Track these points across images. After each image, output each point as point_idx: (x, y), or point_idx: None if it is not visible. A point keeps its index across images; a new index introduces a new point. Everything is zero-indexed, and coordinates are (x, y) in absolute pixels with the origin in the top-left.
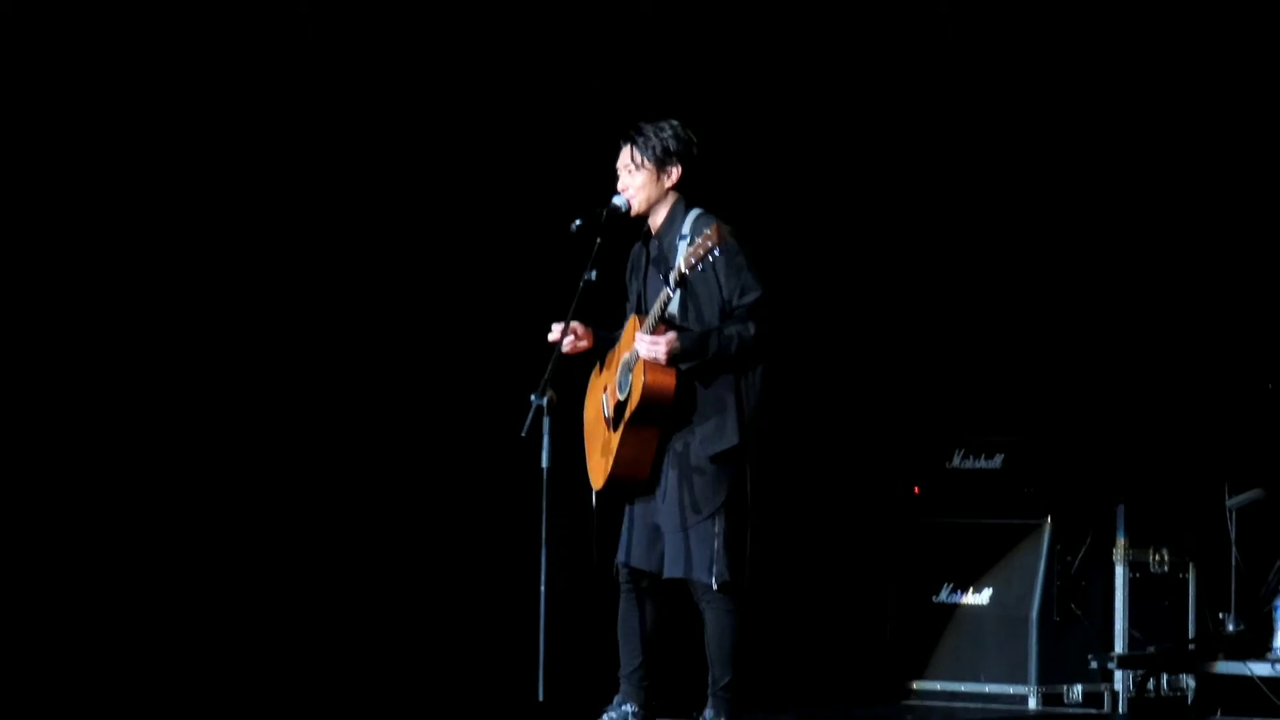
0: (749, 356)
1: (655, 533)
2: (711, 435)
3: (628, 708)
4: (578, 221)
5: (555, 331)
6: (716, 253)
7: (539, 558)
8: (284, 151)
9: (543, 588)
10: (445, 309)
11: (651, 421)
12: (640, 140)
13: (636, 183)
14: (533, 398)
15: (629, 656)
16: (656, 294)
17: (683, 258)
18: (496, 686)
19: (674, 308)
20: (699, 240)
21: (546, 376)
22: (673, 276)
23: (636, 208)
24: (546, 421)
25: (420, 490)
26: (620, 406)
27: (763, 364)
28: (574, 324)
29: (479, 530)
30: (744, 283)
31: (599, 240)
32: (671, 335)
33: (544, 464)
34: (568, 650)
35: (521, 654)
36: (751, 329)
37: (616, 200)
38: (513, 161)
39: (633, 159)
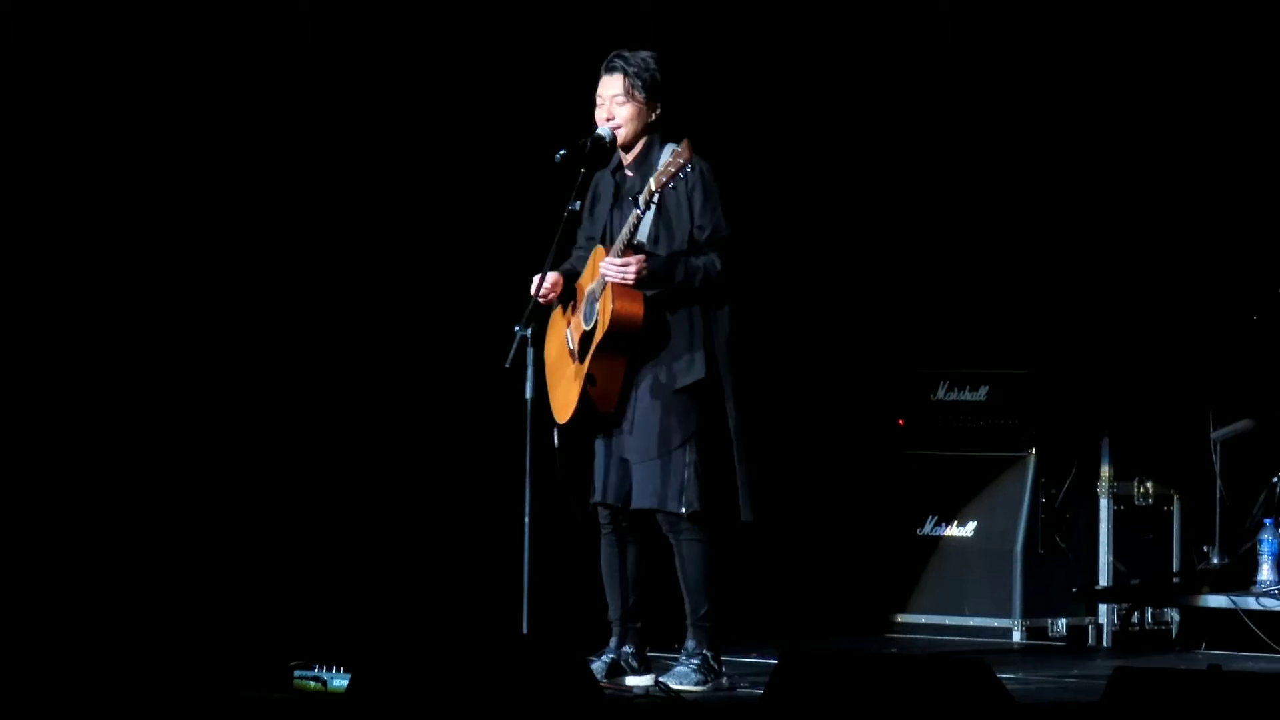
0: (713, 291)
1: (625, 467)
2: (680, 368)
3: (627, 649)
4: (561, 152)
5: (535, 283)
6: (689, 169)
7: (523, 490)
8: (269, 126)
9: (526, 519)
10: (429, 241)
11: (619, 351)
12: (631, 71)
13: (626, 114)
14: (516, 329)
15: (617, 600)
16: (622, 224)
17: (654, 177)
18: (482, 621)
19: (643, 234)
20: (669, 158)
21: (530, 308)
22: (642, 198)
23: (623, 139)
24: (530, 353)
25: (406, 422)
26: (587, 337)
27: (729, 300)
28: (550, 277)
29: (464, 463)
30: (715, 219)
31: (583, 170)
32: (640, 257)
33: (528, 395)
34: (554, 584)
35: (506, 588)
36: (718, 264)
37: (601, 130)
38: (491, 92)
39: (624, 89)
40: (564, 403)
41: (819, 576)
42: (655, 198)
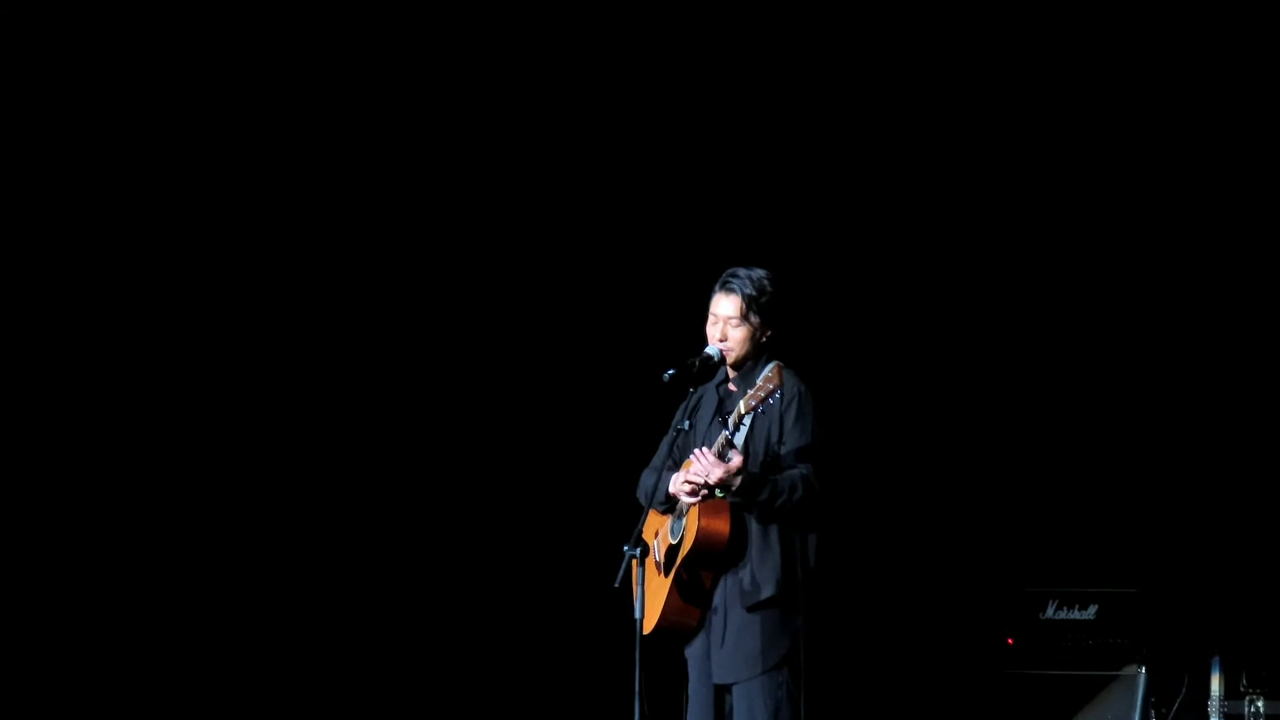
0: (795, 515)
1: (713, 688)
2: (752, 586)
3: None
4: (670, 371)
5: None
6: (777, 395)
7: (632, 710)
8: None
9: None
10: (539, 458)
11: (703, 567)
12: (748, 294)
13: (739, 336)
14: (625, 549)
15: None
16: (715, 438)
17: (744, 400)
18: None
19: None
20: (760, 383)
21: (639, 528)
22: (731, 420)
23: (733, 360)
24: (640, 572)
25: (513, 639)
26: (672, 551)
27: (814, 522)
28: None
29: (573, 683)
30: (802, 440)
31: (692, 390)
32: (737, 461)
33: (637, 615)
34: None
35: None
36: (800, 488)
37: (710, 350)
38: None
39: (739, 312)
40: (649, 615)
41: None
42: (745, 420)
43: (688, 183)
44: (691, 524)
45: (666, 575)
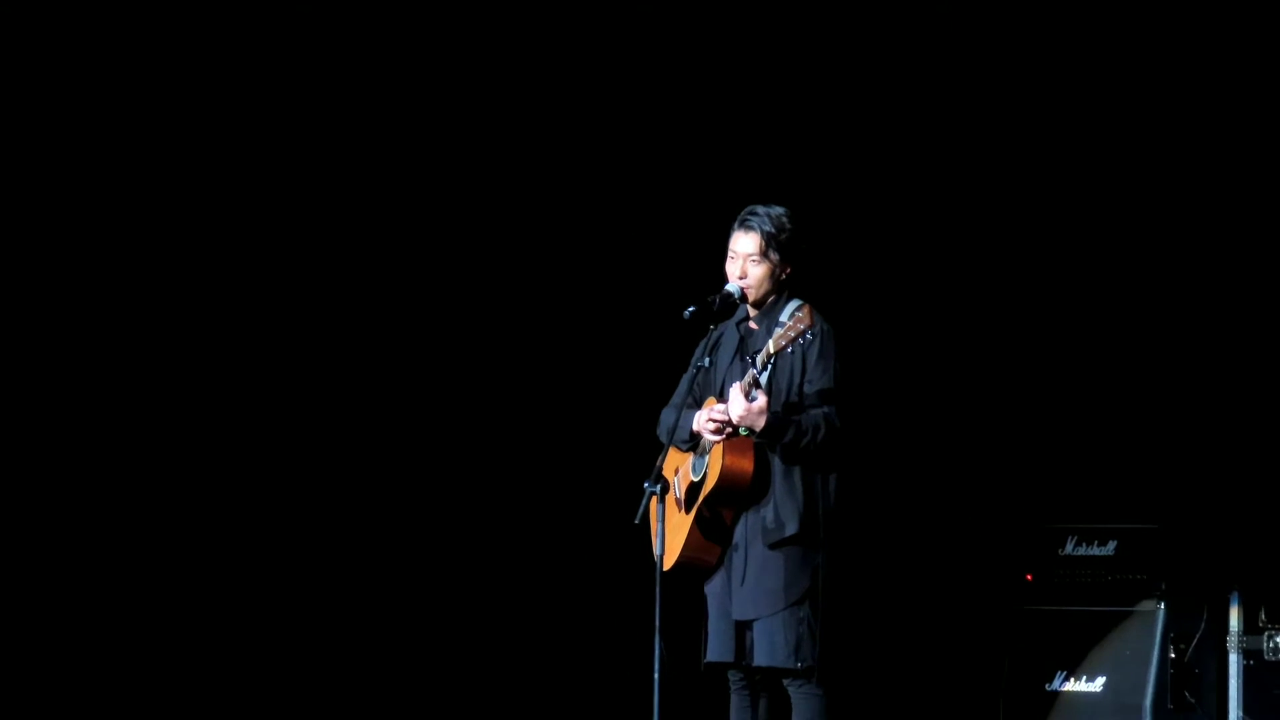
0: (817, 455)
1: (736, 623)
2: (780, 523)
3: None
4: (691, 309)
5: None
6: (809, 335)
7: (652, 645)
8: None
9: (656, 675)
10: (557, 394)
11: (725, 505)
12: (767, 230)
13: (759, 273)
14: (645, 485)
15: None
16: (740, 377)
17: (773, 339)
18: None
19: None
20: (789, 323)
21: (659, 465)
22: (760, 358)
23: (754, 297)
24: (660, 509)
25: (531, 574)
26: (694, 488)
27: (836, 462)
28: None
29: (593, 619)
30: (825, 381)
31: (712, 327)
32: (762, 401)
33: (657, 552)
34: None
35: None
36: (823, 429)
37: (730, 288)
38: (621, 247)
39: (759, 249)
40: (669, 551)
41: None
42: (772, 361)
43: (708, 121)
44: (715, 461)
45: (688, 512)
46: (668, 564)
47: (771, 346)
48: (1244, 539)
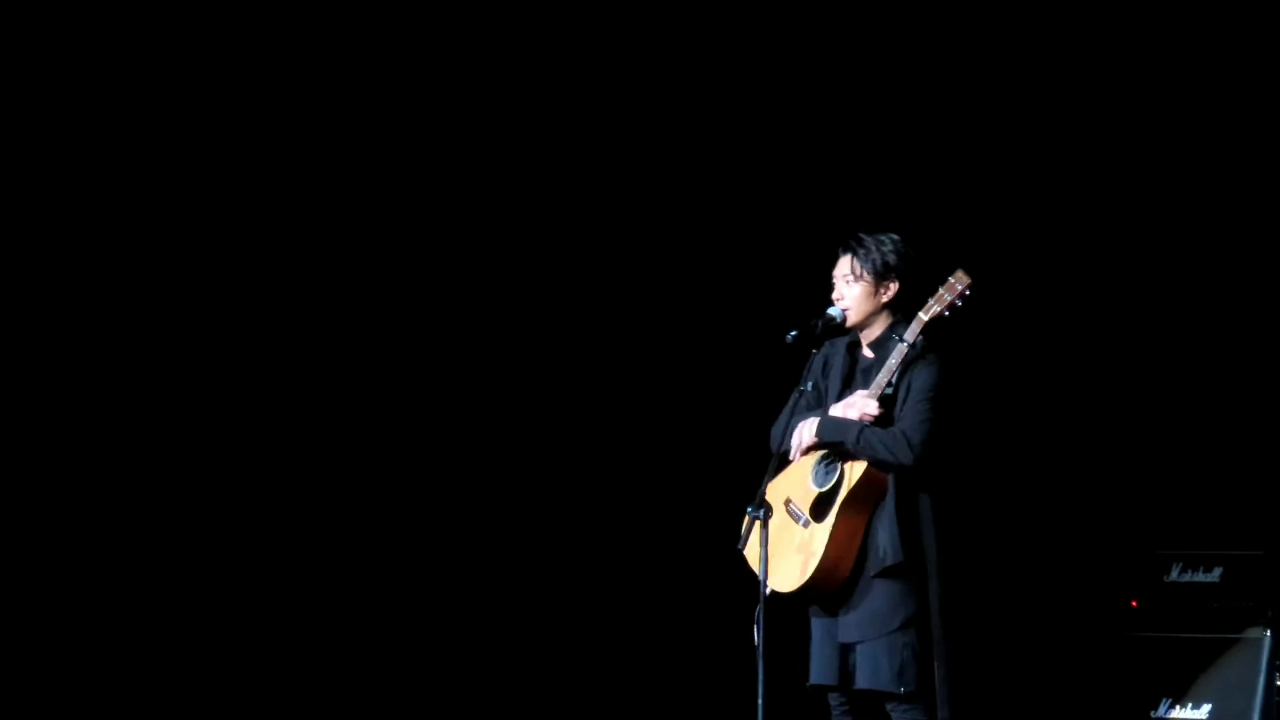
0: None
1: (842, 647)
2: (880, 551)
3: None
4: (793, 333)
5: (800, 441)
6: (960, 302)
7: (756, 671)
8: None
9: (760, 701)
10: (661, 420)
11: (862, 507)
12: (861, 251)
13: (854, 294)
14: (749, 510)
15: None
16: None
17: (927, 308)
18: None
19: (876, 380)
20: (944, 289)
21: (763, 489)
22: (911, 330)
23: (852, 319)
24: (764, 534)
25: (635, 604)
26: (826, 497)
27: (935, 486)
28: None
29: (695, 643)
30: (915, 418)
31: (814, 352)
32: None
33: (762, 577)
34: None
35: None
36: (893, 452)
37: (831, 311)
38: (726, 268)
39: (852, 269)
40: (789, 570)
41: None
42: (918, 340)
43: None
44: (856, 461)
45: (822, 520)
46: (790, 585)
47: (923, 314)
48: None
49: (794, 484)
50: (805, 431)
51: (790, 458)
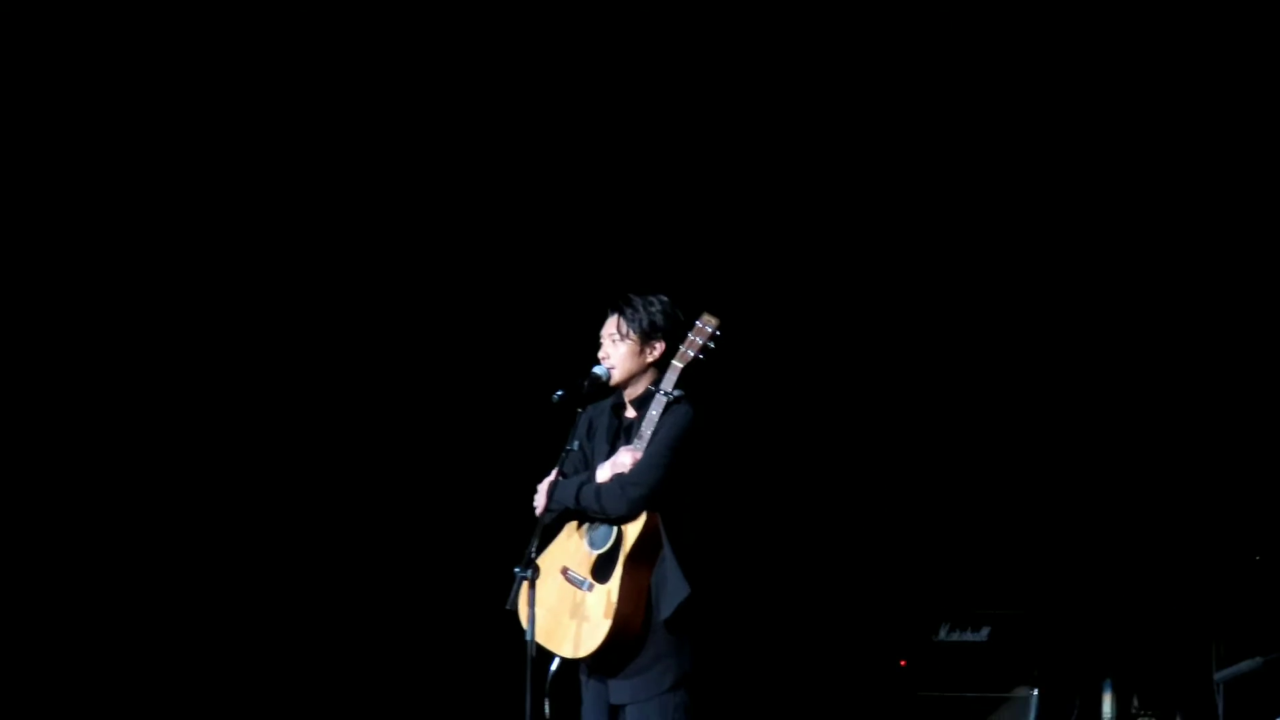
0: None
1: (610, 709)
2: (663, 595)
3: None
4: (559, 392)
5: (541, 502)
6: (712, 345)
7: None
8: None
9: None
10: (427, 477)
11: (645, 562)
12: (629, 311)
13: (620, 353)
14: (516, 570)
15: None
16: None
17: (680, 355)
18: None
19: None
20: (693, 334)
21: (530, 549)
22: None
23: (617, 378)
24: (531, 594)
25: (400, 665)
26: (607, 557)
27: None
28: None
29: (463, 704)
30: (648, 467)
31: (580, 411)
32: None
33: (529, 636)
34: None
35: None
36: (605, 509)
37: (597, 370)
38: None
39: (619, 329)
40: (575, 638)
41: None
42: (673, 391)
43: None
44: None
45: (607, 581)
46: (586, 650)
47: (678, 362)
48: (1116, 625)
49: (568, 552)
50: (540, 494)
51: (536, 516)
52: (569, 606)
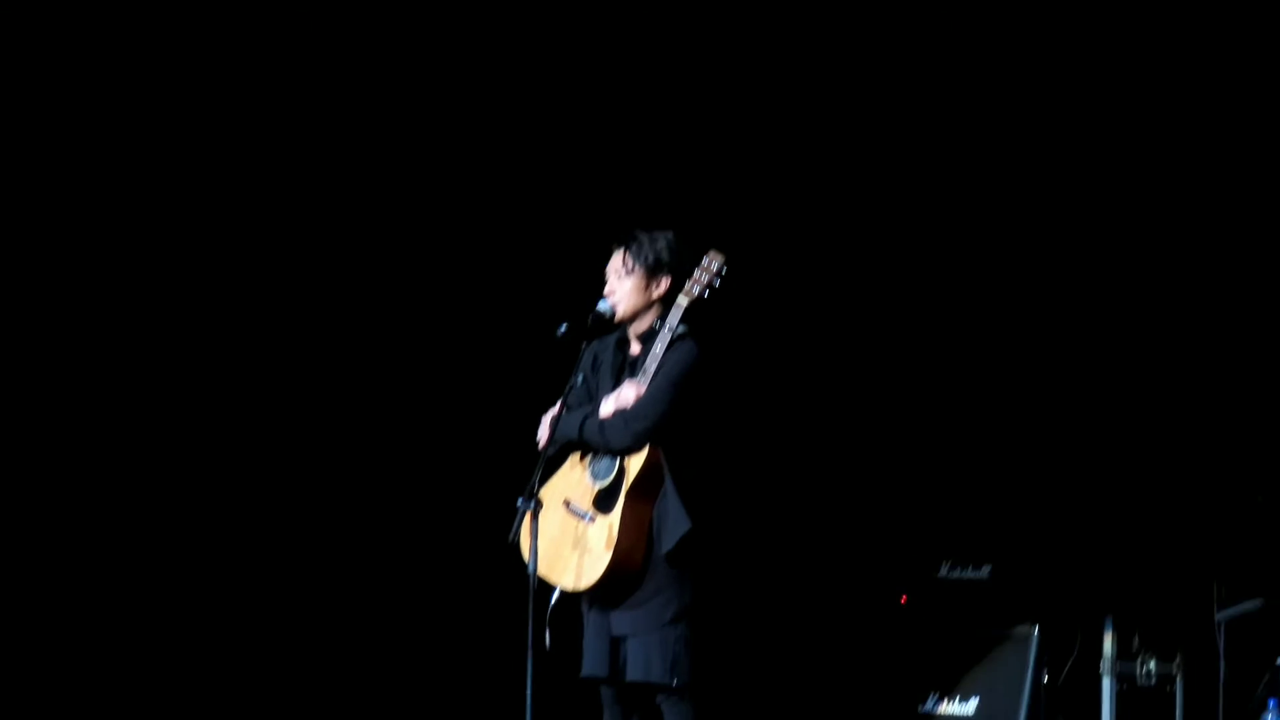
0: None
1: (611, 641)
2: (661, 540)
3: None
4: (564, 326)
5: (543, 435)
6: (717, 282)
7: (525, 661)
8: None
9: (529, 692)
10: (433, 412)
11: (647, 496)
12: (634, 246)
13: (624, 289)
14: (519, 502)
15: None
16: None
17: (686, 291)
18: None
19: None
20: (699, 270)
21: (534, 481)
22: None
23: (621, 313)
24: (534, 526)
25: (405, 597)
26: (609, 490)
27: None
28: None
29: (465, 633)
30: (652, 400)
31: (585, 345)
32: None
33: (531, 568)
34: None
35: None
36: (609, 442)
37: (602, 305)
38: (501, 262)
39: (624, 264)
40: (577, 570)
41: None
42: (680, 325)
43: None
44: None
45: (609, 512)
46: (586, 581)
47: (682, 299)
48: (1119, 564)
49: (570, 484)
50: (544, 426)
51: (539, 449)
52: (570, 538)
